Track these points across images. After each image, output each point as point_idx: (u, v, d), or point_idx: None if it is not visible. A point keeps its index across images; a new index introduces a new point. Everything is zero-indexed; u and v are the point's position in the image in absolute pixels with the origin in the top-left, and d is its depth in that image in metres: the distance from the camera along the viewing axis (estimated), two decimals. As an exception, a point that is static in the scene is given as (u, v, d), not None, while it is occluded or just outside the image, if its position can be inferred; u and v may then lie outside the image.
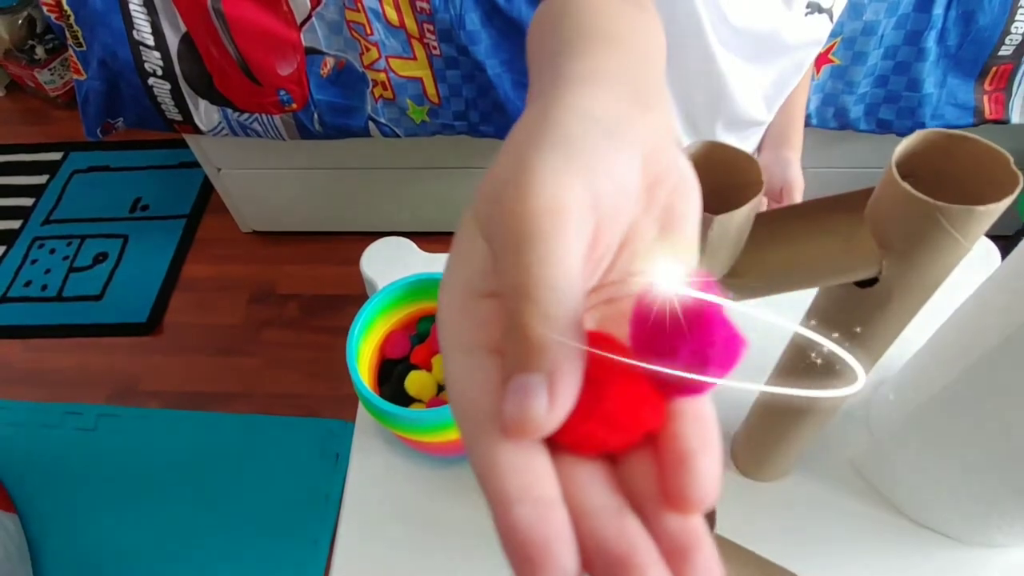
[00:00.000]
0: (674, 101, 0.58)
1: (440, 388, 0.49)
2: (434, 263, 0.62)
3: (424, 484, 0.50)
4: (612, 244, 0.17)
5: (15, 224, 1.47)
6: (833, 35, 0.88)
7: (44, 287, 1.36)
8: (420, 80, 0.99)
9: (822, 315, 0.34)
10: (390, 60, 0.96)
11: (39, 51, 1.60)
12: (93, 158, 1.59)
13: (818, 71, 0.92)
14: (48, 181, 1.55)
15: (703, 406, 0.15)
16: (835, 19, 0.55)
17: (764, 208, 0.64)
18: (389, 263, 0.61)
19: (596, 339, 0.15)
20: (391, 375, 0.50)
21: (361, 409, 0.55)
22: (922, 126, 0.95)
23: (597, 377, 0.14)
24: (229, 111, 1.04)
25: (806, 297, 0.34)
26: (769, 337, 0.37)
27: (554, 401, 0.13)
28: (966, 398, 0.38)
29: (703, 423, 0.15)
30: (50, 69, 1.63)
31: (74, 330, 1.29)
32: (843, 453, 0.50)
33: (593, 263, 0.16)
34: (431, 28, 0.93)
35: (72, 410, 1.17)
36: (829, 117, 0.98)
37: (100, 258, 1.40)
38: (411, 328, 0.53)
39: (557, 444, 0.14)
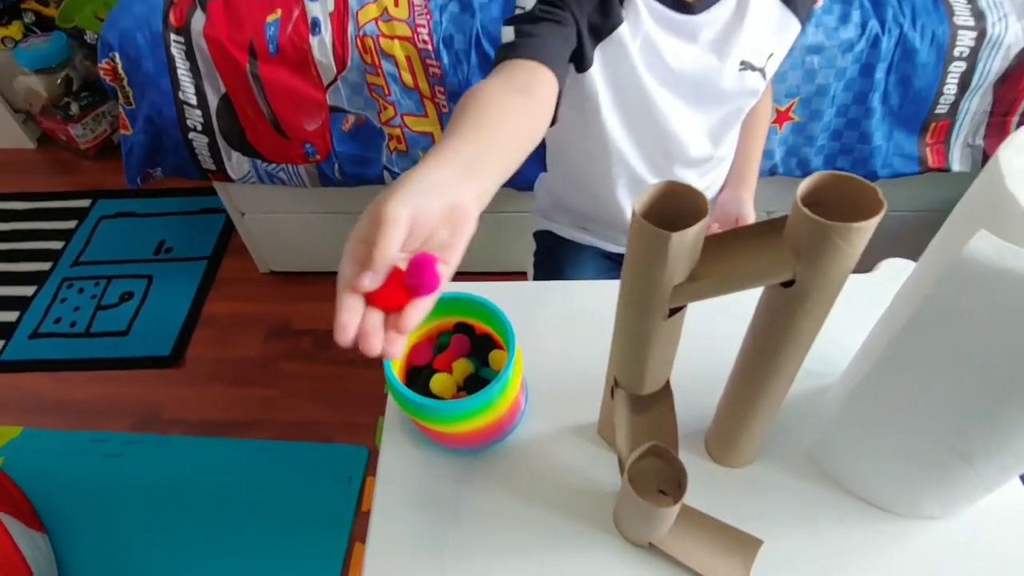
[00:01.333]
0: (632, 147, 0.71)
1: (459, 388, 0.58)
2: (448, 287, 0.72)
3: (445, 471, 0.58)
4: (419, 238, 0.37)
5: (45, 266, 1.57)
6: (791, 95, 1.01)
7: (73, 324, 1.45)
8: (431, 134, 1.11)
9: (764, 310, 0.44)
10: (405, 117, 1.09)
11: (74, 107, 1.73)
12: (120, 205, 1.71)
13: (780, 127, 1.05)
14: (77, 226, 1.66)
15: (422, 301, 0.36)
16: (768, 77, 0.68)
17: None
18: None
19: (393, 271, 0.36)
20: (418, 378, 0.59)
21: (389, 410, 0.63)
22: (875, 174, 1.08)
23: (387, 282, 0.35)
24: (258, 162, 1.16)
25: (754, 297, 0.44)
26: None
27: (373, 282, 0.34)
28: (884, 380, 0.47)
29: (418, 306, 0.36)
30: (83, 124, 1.76)
31: (100, 363, 1.37)
32: (799, 445, 0.59)
33: (407, 243, 0.36)
34: (442, 90, 1.06)
35: (98, 437, 1.25)
36: (793, 166, 1.10)
37: (126, 296, 1.49)
38: (433, 340, 0.62)
39: (368, 301, 0.36)
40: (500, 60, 0.56)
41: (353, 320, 0.35)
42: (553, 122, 0.57)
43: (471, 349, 0.60)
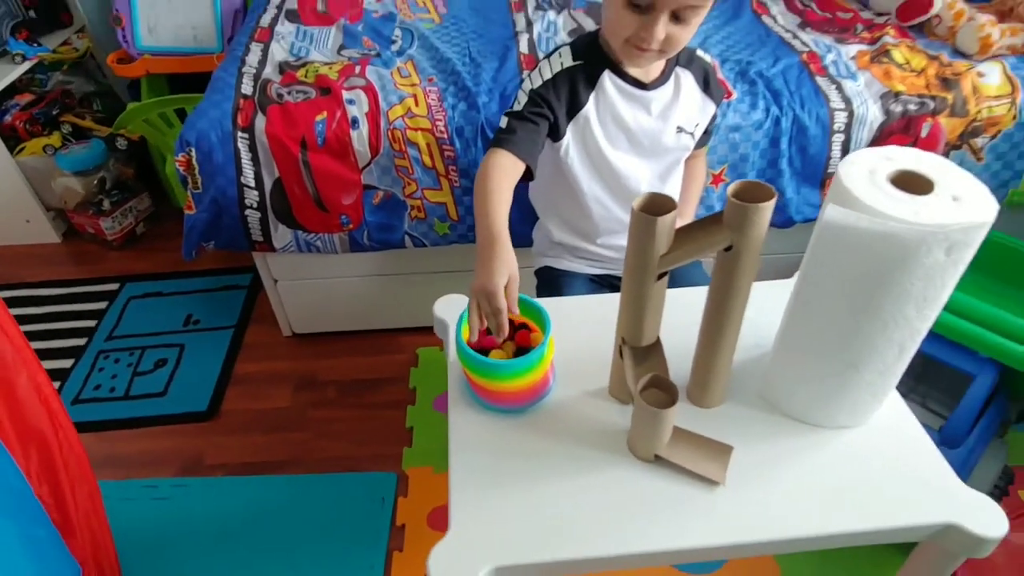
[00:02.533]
0: (602, 192, 1.01)
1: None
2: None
3: (500, 424, 0.77)
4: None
5: (81, 341, 1.73)
6: (721, 163, 1.34)
7: (112, 389, 1.59)
8: (445, 204, 1.38)
9: (716, 272, 0.69)
10: (424, 191, 1.36)
11: (106, 203, 1.95)
12: (147, 287, 1.89)
13: (716, 186, 1.37)
14: (108, 306, 1.83)
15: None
16: (696, 138, 0.99)
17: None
18: (452, 307, 0.90)
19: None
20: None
21: (452, 389, 0.83)
22: (791, 219, 1.39)
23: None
24: (300, 232, 1.40)
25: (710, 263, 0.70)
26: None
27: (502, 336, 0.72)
28: (795, 319, 0.72)
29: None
30: (112, 217, 1.97)
31: (142, 421, 1.51)
32: (754, 388, 0.82)
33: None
34: (454, 168, 1.34)
35: (148, 484, 1.38)
36: (730, 217, 1.41)
37: (160, 363, 1.66)
38: (486, 330, 0.84)
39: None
40: (496, 143, 0.90)
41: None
42: (531, 179, 0.93)
43: (513, 335, 0.83)
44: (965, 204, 0.61)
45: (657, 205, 0.66)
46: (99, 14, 2.14)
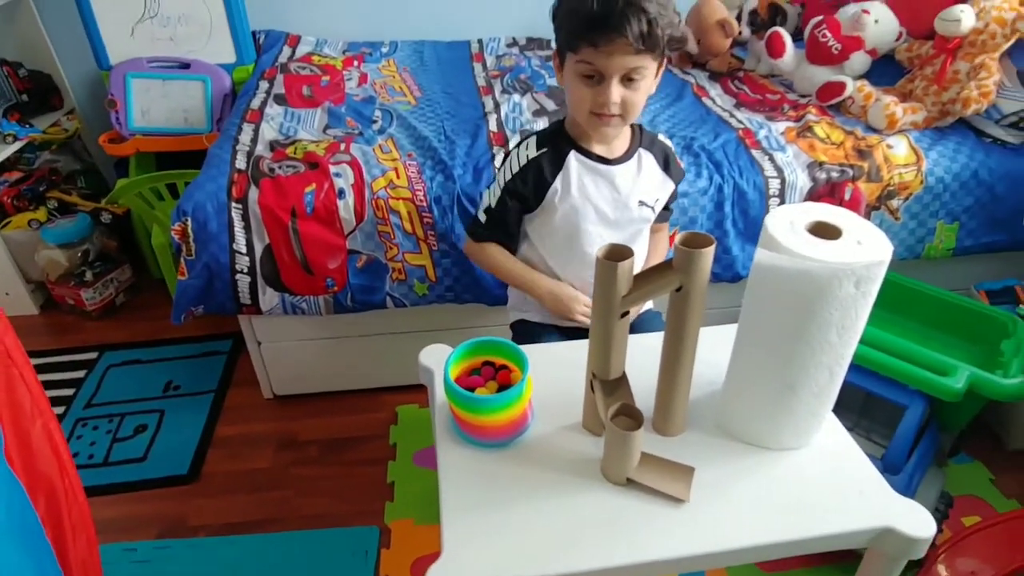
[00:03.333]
0: (570, 257, 1.14)
1: (494, 394, 0.89)
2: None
3: (485, 457, 0.84)
4: None
5: (59, 410, 1.74)
6: (674, 225, 1.49)
7: (91, 456, 1.60)
8: (424, 266, 1.49)
9: (670, 311, 0.81)
10: (405, 255, 1.47)
11: (88, 274, 2.00)
12: (126, 355, 1.92)
13: (671, 246, 1.51)
14: (86, 375, 1.85)
15: None
16: (655, 211, 1.13)
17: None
18: (436, 355, 0.98)
19: None
20: (467, 391, 0.90)
21: (439, 426, 0.91)
22: (739, 275, 1.54)
23: None
24: (286, 295, 1.48)
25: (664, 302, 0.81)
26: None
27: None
28: (740, 348, 0.84)
29: None
30: (94, 288, 2.02)
31: (122, 487, 1.52)
32: (711, 417, 0.93)
33: None
34: (433, 233, 1.46)
35: (127, 547, 1.37)
36: (684, 273, 1.56)
37: (140, 429, 1.67)
38: (469, 372, 0.93)
39: None
40: (482, 238, 1.14)
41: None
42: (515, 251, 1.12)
43: (495, 375, 0.92)
44: (867, 246, 0.75)
45: (617, 253, 0.78)
46: (90, 98, 2.27)
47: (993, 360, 1.39)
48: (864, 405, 1.34)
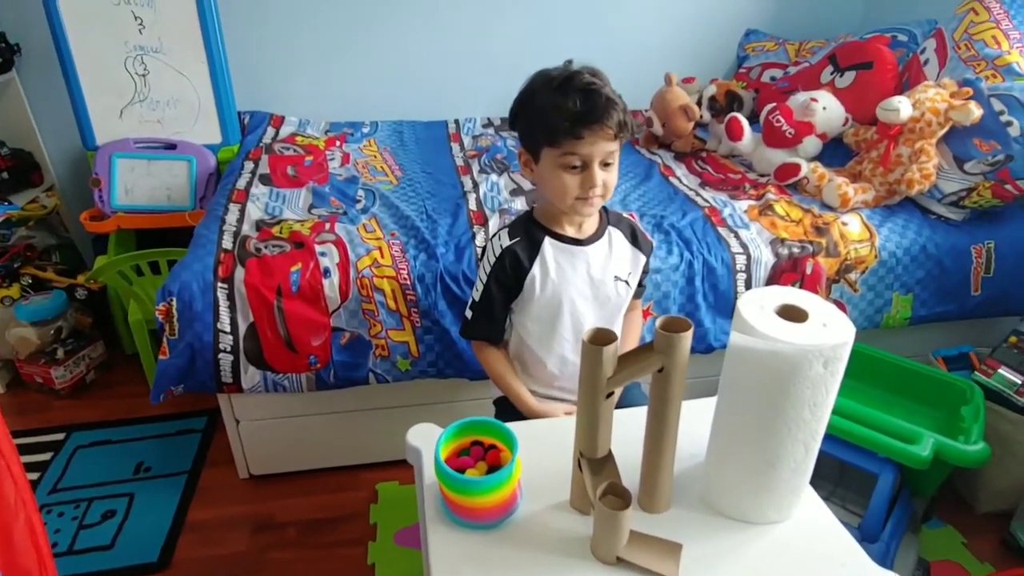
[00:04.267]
0: (552, 338, 1.18)
1: (484, 476, 0.90)
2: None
3: (475, 539, 0.85)
4: None
5: (21, 496, 1.66)
6: (647, 300, 1.55)
7: (55, 544, 1.53)
8: (407, 343, 1.52)
9: (652, 390, 0.85)
10: (389, 331, 1.50)
11: (59, 352, 1.97)
12: (95, 435, 1.87)
13: (646, 319, 1.57)
14: (52, 457, 1.79)
15: None
16: (632, 286, 1.18)
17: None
18: (424, 435, 0.99)
19: None
20: (457, 473, 0.91)
21: (429, 509, 0.92)
22: (711, 346, 1.60)
23: None
24: (269, 373, 1.48)
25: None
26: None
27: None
28: (719, 426, 0.88)
29: None
30: (64, 366, 1.98)
31: (87, 578, 1.45)
32: (696, 492, 0.95)
33: None
34: (416, 310, 1.49)
35: (92, 645, 1.30)
36: (660, 345, 1.61)
37: (108, 514, 1.61)
38: (458, 452, 0.95)
39: None
40: (474, 336, 1.21)
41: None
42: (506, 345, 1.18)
43: (484, 456, 0.94)
44: (832, 328, 0.81)
45: (602, 337, 0.82)
46: (71, 175, 2.29)
47: (954, 425, 1.46)
48: (839, 474, 1.38)
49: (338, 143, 2.16)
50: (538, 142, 1.05)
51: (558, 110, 1.00)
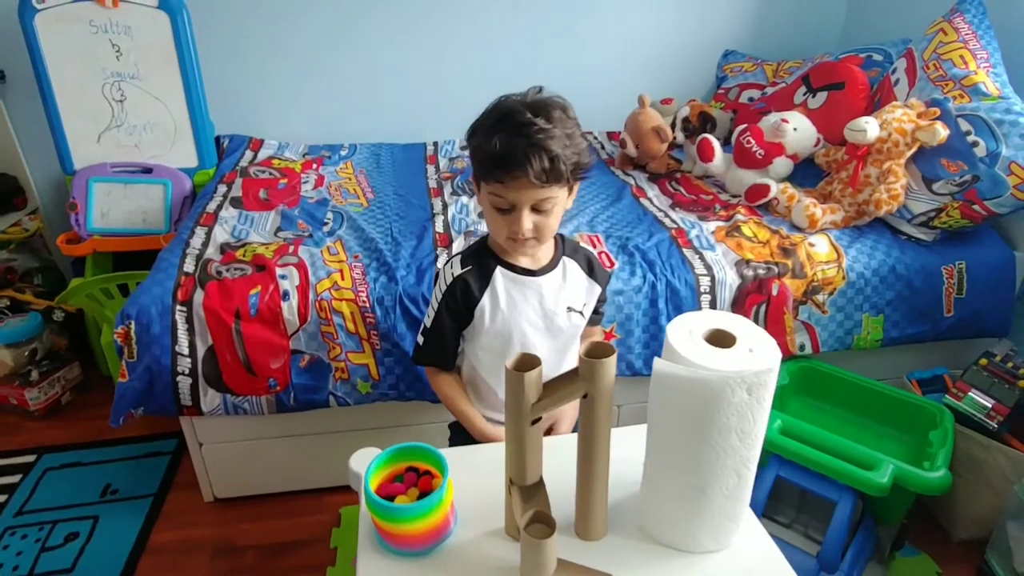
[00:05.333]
0: (503, 367, 1.15)
1: (413, 503, 0.89)
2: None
3: (405, 567, 0.86)
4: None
5: (-13, 519, 1.66)
6: (610, 322, 1.55)
7: (15, 567, 1.52)
8: (367, 365, 1.51)
9: (581, 418, 0.84)
10: (348, 354, 1.49)
11: (34, 374, 1.98)
12: (65, 457, 1.87)
13: (609, 342, 1.56)
14: (21, 479, 1.79)
15: None
16: (586, 316, 1.17)
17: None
18: (366, 460, 0.99)
19: None
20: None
21: (362, 532, 0.91)
22: (677, 368, 1.58)
23: None
24: (228, 396, 1.48)
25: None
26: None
27: None
28: (650, 454, 0.86)
29: None
30: (39, 388, 1.98)
31: (43, 603, 1.44)
32: (632, 521, 0.94)
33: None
34: (375, 332, 1.49)
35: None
36: (623, 368, 1.60)
37: (71, 537, 1.60)
38: (391, 479, 0.93)
39: None
40: (426, 362, 1.18)
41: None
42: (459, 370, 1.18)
43: (417, 482, 0.93)
44: (758, 354, 0.80)
45: (525, 363, 0.81)
46: (54, 199, 2.32)
47: (923, 451, 1.43)
48: (801, 501, 1.35)
49: (315, 166, 2.18)
50: (475, 174, 1.04)
51: (480, 150, 0.97)
